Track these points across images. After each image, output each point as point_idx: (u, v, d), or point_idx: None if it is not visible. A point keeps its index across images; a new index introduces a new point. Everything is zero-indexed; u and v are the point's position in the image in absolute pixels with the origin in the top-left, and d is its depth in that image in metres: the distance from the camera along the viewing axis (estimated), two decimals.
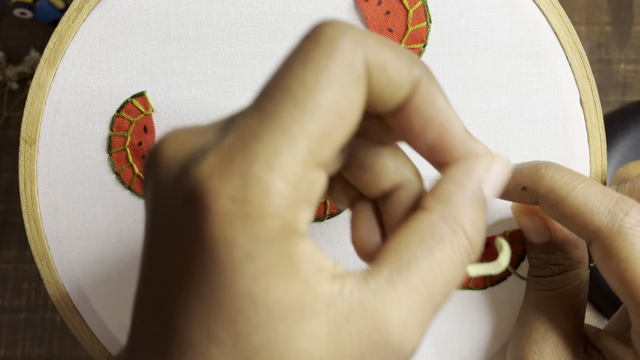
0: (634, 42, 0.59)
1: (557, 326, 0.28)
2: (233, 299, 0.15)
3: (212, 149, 0.16)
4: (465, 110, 0.31)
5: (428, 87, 0.17)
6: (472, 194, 0.18)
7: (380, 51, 0.17)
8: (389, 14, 0.30)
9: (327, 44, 0.16)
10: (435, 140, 0.18)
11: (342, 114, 0.16)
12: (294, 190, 0.16)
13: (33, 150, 0.31)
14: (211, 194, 0.15)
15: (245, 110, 0.17)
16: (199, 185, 0.15)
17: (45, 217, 0.31)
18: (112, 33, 0.30)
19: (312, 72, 0.16)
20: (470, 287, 0.33)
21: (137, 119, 0.31)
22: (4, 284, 0.56)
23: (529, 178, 0.26)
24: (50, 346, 0.55)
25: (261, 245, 0.15)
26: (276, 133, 0.15)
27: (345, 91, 0.16)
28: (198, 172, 0.16)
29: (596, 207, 0.24)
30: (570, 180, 0.25)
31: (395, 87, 0.17)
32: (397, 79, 0.17)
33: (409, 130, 0.18)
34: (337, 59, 0.16)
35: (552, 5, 0.31)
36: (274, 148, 0.15)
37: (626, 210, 0.23)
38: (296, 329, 0.16)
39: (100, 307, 0.32)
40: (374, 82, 0.17)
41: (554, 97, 0.31)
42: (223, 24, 0.30)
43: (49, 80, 0.30)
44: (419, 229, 0.18)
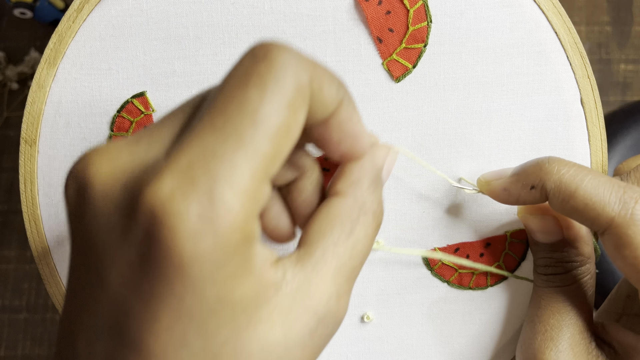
0: (634, 42, 0.59)
1: (571, 322, 0.28)
2: (204, 305, 0.17)
3: (167, 167, 0.17)
4: (465, 110, 0.31)
5: (347, 106, 0.20)
6: (376, 180, 0.22)
7: (320, 74, 0.19)
8: (389, 13, 0.30)
9: (279, 67, 0.17)
10: (348, 149, 0.21)
11: (290, 132, 0.18)
12: (252, 204, 0.17)
13: (33, 150, 0.31)
14: (176, 215, 0.16)
15: (196, 126, 0.17)
16: (160, 206, 0.16)
17: (45, 217, 0.31)
18: (112, 33, 0.30)
19: (268, 95, 0.17)
20: (471, 287, 0.33)
21: (138, 119, 0.31)
22: (4, 284, 0.56)
23: (535, 175, 0.26)
24: (50, 346, 0.55)
25: (228, 255, 0.17)
26: (235, 152, 0.17)
27: (295, 112, 0.18)
28: (155, 193, 0.16)
29: (607, 197, 0.24)
30: (577, 173, 0.25)
31: (326, 106, 0.19)
32: (329, 100, 0.19)
33: (326, 139, 0.20)
34: (288, 83, 0.18)
35: (553, 5, 0.31)
36: (234, 167, 0.17)
37: (636, 197, 0.24)
38: (254, 317, 0.18)
39: None
40: (312, 102, 0.19)
41: (554, 97, 0.31)
42: (223, 24, 0.30)
43: (49, 80, 0.30)
44: (339, 212, 0.21)
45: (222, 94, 0.17)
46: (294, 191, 0.22)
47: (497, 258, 0.32)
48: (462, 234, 0.32)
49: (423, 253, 0.31)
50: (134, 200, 0.17)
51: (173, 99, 0.31)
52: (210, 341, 0.17)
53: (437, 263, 0.32)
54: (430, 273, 0.32)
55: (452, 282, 0.32)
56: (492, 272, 0.32)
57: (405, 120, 0.31)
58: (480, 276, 0.32)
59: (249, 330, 0.18)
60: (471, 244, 0.32)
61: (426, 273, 0.32)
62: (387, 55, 0.31)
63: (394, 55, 0.31)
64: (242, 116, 0.17)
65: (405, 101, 0.31)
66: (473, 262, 0.31)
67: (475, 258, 0.32)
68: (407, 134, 0.31)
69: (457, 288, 0.32)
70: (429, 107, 0.31)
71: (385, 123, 0.31)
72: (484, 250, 0.32)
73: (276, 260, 0.19)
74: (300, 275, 0.19)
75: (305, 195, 0.22)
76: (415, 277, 0.32)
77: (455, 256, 0.32)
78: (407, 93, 0.31)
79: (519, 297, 0.33)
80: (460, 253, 0.32)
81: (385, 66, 0.31)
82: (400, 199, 0.32)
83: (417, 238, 0.32)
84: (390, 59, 0.31)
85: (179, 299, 0.17)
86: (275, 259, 0.19)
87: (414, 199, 0.32)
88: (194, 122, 0.18)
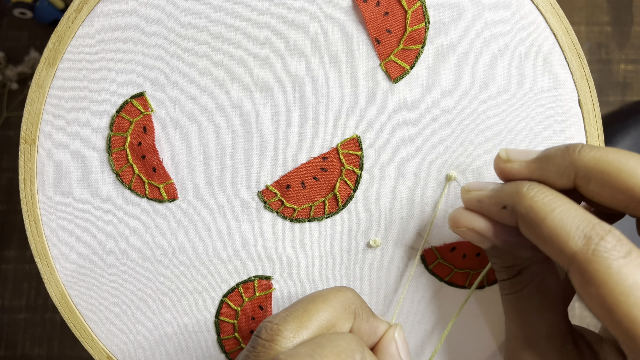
0: (634, 42, 0.59)
1: (532, 329, 0.27)
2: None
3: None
4: (463, 110, 0.31)
5: (360, 316, 0.28)
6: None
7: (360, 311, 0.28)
8: (387, 14, 0.30)
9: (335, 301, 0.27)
10: (373, 341, 0.29)
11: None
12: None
13: (33, 150, 0.31)
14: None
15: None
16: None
17: (45, 216, 0.31)
18: (111, 33, 0.30)
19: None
20: (468, 287, 0.33)
21: (137, 119, 0.31)
22: (4, 284, 0.56)
23: (510, 197, 0.25)
24: (50, 346, 0.56)
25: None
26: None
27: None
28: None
29: (572, 231, 0.23)
30: (551, 202, 0.24)
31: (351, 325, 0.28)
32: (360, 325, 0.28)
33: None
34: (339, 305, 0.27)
35: (551, 5, 0.31)
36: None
37: (602, 234, 0.23)
38: None
39: (100, 306, 0.32)
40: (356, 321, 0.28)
41: (552, 98, 0.31)
42: (222, 24, 0.30)
43: (48, 81, 0.31)
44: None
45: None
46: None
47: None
48: None
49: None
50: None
51: (172, 99, 0.31)
52: None
53: (433, 262, 0.32)
54: (427, 272, 0.32)
55: (448, 281, 0.33)
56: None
57: (403, 121, 0.31)
58: (476, 275, 0.32)
59: None
60: (468, 243, 0.32)
61: (423, 272, 0.32)
62: (384, 56, 0.31)
63: (391, 56, 0.31)
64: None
65: (402, 102, 0.31)
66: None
67: (472, 257, 0.32)
68: (404, 134, 0.31)
69: (454, 287, 0.33)
70: (426, 108, 0.31)
71: (382, 123, 0.31)
72: (480, 249, 0.32)
73: None
74: None
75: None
76: (412, 276, 0.32)
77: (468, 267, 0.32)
78: (404, 94, 0.31)
79: None
80: (456, 252, 0.32)
81: (383, 67, 0.31)
82: (398, 198, 0.32)
83: (414, 237, 0.32)
84: (388, 60, 0.31)
85: None
86: None
87: (411, 198, 0.32)
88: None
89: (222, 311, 0.32)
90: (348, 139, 0.31)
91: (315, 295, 0.27)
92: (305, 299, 0.27)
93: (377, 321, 0.29)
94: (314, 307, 0.26)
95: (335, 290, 0.27)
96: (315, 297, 0.27)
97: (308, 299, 0.27)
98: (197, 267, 0.32)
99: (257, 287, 0.32)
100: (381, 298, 0.33)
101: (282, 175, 0.32)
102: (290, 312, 0.26)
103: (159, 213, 0.32)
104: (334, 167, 0.31)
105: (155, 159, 0.31)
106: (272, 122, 0.31)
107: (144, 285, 0.32)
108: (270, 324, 0.25)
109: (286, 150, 0.31)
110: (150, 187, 0.31)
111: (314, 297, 0.27)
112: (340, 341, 0.25)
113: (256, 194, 0.32)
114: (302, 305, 0.26)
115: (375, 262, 0.32)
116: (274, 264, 0.32)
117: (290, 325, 0.25)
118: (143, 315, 0.32)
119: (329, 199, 0.32)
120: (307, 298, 0.27)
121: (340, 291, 0.27)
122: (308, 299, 0.27)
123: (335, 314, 0.26)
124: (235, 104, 0.31)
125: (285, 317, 0.25)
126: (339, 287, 0.28)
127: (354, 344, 0.25)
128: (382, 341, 0.29)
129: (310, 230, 0.32)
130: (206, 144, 0.31)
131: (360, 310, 0.28)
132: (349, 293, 0.28)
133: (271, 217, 0.32)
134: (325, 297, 0.27)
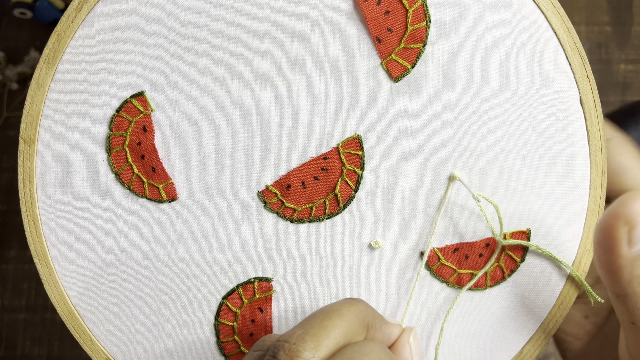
0: (634, 42, 0.59)
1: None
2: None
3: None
4: (464, 110, 0.31)
5: (373, 325, 0.28)
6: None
7: (371, 319, 0.28)
8: (388, 13, 0.30)
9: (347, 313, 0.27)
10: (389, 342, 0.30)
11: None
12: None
13: (32, 150, 0.31)
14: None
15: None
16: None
17: (44, 216, 0.31)
18: (111, 33, 0.30)
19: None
20: (470, 288, 0.32)
21: (137, 119, 0.31)
22: (4, 284, 0.56)
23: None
24: (50, 346, 0.55)
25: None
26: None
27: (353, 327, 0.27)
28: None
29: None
30: None
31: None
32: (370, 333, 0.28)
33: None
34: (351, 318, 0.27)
35: (552, 4, 0.31)
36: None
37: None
38: None
39: (99, 307, 0.32)
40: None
41: (553, 97, 0.31)
42: (222, 23, 0.30)
43: (48, 80, 0.30)
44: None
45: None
46: None
47: (497, 259, 0.32)
48: (461, 235, 0.32)
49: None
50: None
51: (172, 98, 0.31)
52: None
53: (435, 263, 0.32)
54: (429, 273, 0.32)
55: (451, 283, 0.32)
56: (512, 244, 0.32)
57: (404, 120, 0.31)
58: (479, 277, 0.32)
59: None
60: (470, 244, 0.32)
61: (425, 273, 0.32)
62: (386, 55, 0.31)
63: (392, 55, 0.31)
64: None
65: (404, 101, 0.31)
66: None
67: (474, 259, 0.32)
68: (405, 134, 0.31)
69: (456, 288, 0.32)
70: (428, 107, 0.31)
71: (384, 123, 0.31)
72: (483, 250, 0.32)
73: None
74: None
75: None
76: (414, 277, 0.32)
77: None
78: (405, 93, 0.31)
79: (517, 299, 0.33)
80: (459, 253, 0.32)
81: (384, 66, 0.31)
82: (399, 199, 0.32)
83: (415, 238, 0.32)
84: (389, 59, 0.31)
85: None
86: None
87: (413, 199, 0.32)
88: None
89: (221, 313, 0.32)
90: (349, 138, 0.31)
91: (328, 311, 0.26)
92: (319, 314, 0.26)
93: (390, 327, 0.29)
94: (330, 324, 0.25)
95: (348, 304, 0.27)
96: (329, 312, 0.26)
97: (322, 314, 0.26)
98: (196, 268, 0.32)
99: (257, 289, 0.32)
100: (383, 300, 0.32)
101: (282, 175, 0.31)
102: (307, 329, 0.25)
103: (159, 213, 0.31)
104: (335, 167, 0.31)
105: (154, 158, 0.31)
106: (272, 121, 0.31)
107: (143, 286, 0.32)
108: (288, 344, 0.24)
109: (286, 150, 0.31)
110: (149, 187, 0.31)
111: (329, 313, 0.26)
112: (371, 354, 0.25)
113: (256, 194, 0.32)
114: (317, 321, 0.26)
115: (376, 263, 0.32)
116: (274, 265, 0.32)
117: (308, 345, 0.24)
118: (142, 317, 0.32)
119: (329, 199, 0.32)
120: (320, 313, 0.26)
121: (353, 304, 0.27)
122: (322, 315, 0.26)
123: (351, 329, 0.26)
124: (236, 103, 0.31)
125: (302, 335, 0.25)
126: (350, 299, 0.28)
127: (382, 354, 0.25)
128: (397, 345, 0.29)
129: (311, 231, 0.32)
130: (206, 143, 0.31)
131: (373, 320, 0.28)
132: (361, 306, 0.27)
133: (271, 217, 0.32)
134: (340, 312, 0.26)
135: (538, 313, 0.33)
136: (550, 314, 0.33)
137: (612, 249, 0.27)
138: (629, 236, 0.26)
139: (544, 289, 0.32)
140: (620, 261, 0.27)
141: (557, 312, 0.33)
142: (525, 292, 0.32)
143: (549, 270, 0.32)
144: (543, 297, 0.32)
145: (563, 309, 0.33)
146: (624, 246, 0.26)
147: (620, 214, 0.26)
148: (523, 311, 0.33)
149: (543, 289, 0.32)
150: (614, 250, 0.27)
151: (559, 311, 0.33)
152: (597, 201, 0.32)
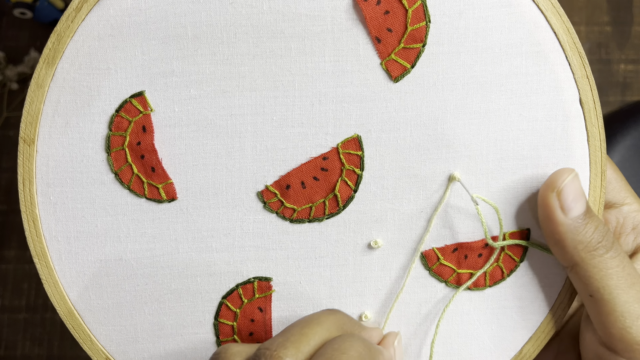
0: (634, 42, 0.59)
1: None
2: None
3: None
4: (464, 110, 0.31)
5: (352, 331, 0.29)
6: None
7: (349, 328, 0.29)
8: (388, 13, 0.30)
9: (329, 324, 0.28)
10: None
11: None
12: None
13: (32, 150, 0.31)
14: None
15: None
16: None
17: (44, 216, 0.31)
18: (111, 33, 0.30)
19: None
20: (469, 288, 0.32)
21: (136, 119, 0.31)
22: (4, 284, 0.56)
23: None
24: (50, 346, 0.55)
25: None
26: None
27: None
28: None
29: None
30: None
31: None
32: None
33: None
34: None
35: (552, 5, 0.31)
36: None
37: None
38: None
39: (99, 307, 0.32)
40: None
41: (553, 97, 0.31)
42: (222, 23, 0.30)
43: (47, 80, 0.30)
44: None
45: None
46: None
47: (496, 259, 0.32)
48: (461, 235, 0.32)
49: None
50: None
51: (171, 98, 0.31)
52: None
53: (435, 263, 0.32)
54: (428, 273, 0.32)
55: (450, 282, 0.32)
56: (512, 244, 0.32)
57: (404, 120, 0.31)
58: (478, 277, 0.32)
59: None
60: (469, 244, 0.32)
61: (424, 273, 0.32)
62: (385, 55, 0.31)
63: (392, 55, 0.31)
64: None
65: (403, 101, 0.31)
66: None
67: (474, 258, 0.32)
68: (405, 134, 0.31)
69: (455, 288, 0.32)
70: (428, 107, 0.31)
71: (383, 123, 0.31)
72: (482, 250, 0.32)
73: None
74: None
75: None
76: (413, 276, 0.32)
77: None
78: (405, 93, 0.31)
79: (517, 299, 0.33)
80: (458, 253, 0.32)
81: (384, 66, 0.31)
82: (398, 199, 0.32)
83: (415, 238, 0.32)
84: (389, 59, 0.31)
85: None
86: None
87: (412, 199, 0.32)
88: None
89: (221, 313, 0.32)
90: (348, 138, 0.31)
91: (308, 320, 0.27)
92: (298, 323, 0.27)
93: (368, 331, 0.30)
94: (310, 331, 0.26)
95: (327, 313, 0.28)
96: (309, 321, 0.27)
97: (301, 323, 0.27)
98: (196, 268, 0.32)
99: (256, 289, 0.32)
100: (382, 299, 0.32)
101: (282, 175, 0.31)
102: (287, 337, 0.26)
103: (158, 213, 0.31)
104: (335, 167, 0.31)
105: (154, 158, 0.31)
106: (272, 121, 0.31)
107: (143, 286, 0.32)
108: (269, 350, 0.25)
109: (286, 150, 0.31)
110: (149, 187, 0.31)
111: (308, 322, 0.27)
112: (350, 350, 0.25)
113: (256, 194, 0.32)
114: (297, 329, 0.26)
115: (376, 263, 0.32)
116: (273, 265, 0.32)
117: (289, 351, 0.25)
118: (142, 317, 0.32)
119: (329, 199, 0.32)
120: (300, 322, 0.27)
121: (332, 313, 0.28)
122: (302, 324, 0.27)
123: (330, 335, 0.27)
124: (235, 103, 0.31)
125: (282, 342, 0.25)
126: (329, 310, 0.29)
127: (361, 348, 0.26)
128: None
129: (311, 231, 0.32)
130: (205, 143, 0.31)
131: (352, 328, 0.29)
132: (339, 315, 0.28)
133: (271, 217, 0.32)
134: (319, 320, 0.27)
135: (538, 313, 0.33)
136: (550, 314, 0.33)
137: (549, 217, 0.30)
138: (560, 202, 0.29)
139: (543, 288, 0.32)
140: (560, 228, 0.29)
141: (557, 312, 0.33)
142: (525, 292, 0.32)
143: (548, 270, 0.32)
144: (543, 296, 0.32)
145: (563, 309, 0.33)
146: (558, 213, 0.29)
147: (548, 184, 0.30)
148: (522, 311, 0.33)
149: (543, 288, 0.32)
150: (551, 218, 0.29)
151: (558, 311, 0.33)
152: (597, 201, 0.32)
